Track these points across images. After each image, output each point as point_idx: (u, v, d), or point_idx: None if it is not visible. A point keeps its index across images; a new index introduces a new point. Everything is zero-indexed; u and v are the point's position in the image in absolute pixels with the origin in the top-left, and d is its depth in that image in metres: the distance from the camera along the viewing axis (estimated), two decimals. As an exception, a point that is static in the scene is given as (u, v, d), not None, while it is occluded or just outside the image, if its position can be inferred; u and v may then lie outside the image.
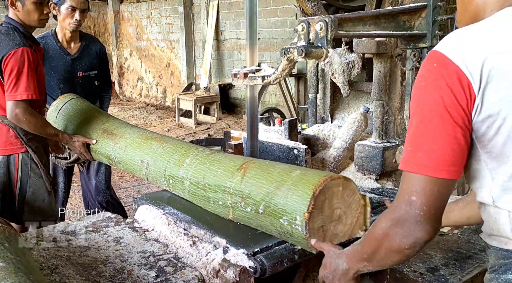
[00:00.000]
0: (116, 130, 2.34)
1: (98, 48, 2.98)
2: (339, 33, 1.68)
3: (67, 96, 2.66)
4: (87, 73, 2.91)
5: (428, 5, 1.87)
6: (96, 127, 2.44)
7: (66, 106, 2.61)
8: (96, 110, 2.63)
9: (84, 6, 2.73)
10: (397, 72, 2.17)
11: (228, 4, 8.99)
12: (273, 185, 1.50)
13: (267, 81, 1.84)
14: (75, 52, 2.87)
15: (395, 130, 2.22)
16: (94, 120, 2.50)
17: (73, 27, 2.74)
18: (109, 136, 2.33)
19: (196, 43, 10.06)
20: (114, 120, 2.51)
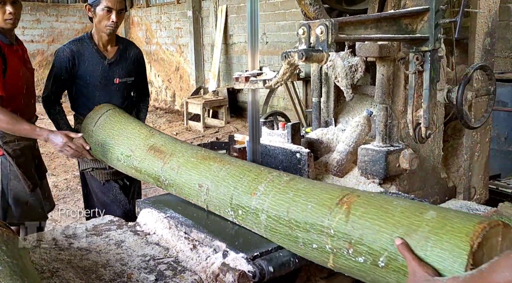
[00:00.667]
0: (165, 147, 2.06)
1: (135, 53, 2.79)
2: (340, 37, 1.67)
3: (103, 107, 2.44)
4: (124, 79, 2.70)
5: (430, 8, 1.85)
6: (140, 143, 2.16)
7: (103, 118, 2.37)
8: (138, 123, 2.36)
9: (120, 6, 2.53)
10: (400, 75, 2.15)
11: (236, 8, 9.03)
12: (399, 230, 1.17)
13: (268, 85, 1.84)
14: (112, 57, 2.66)
15: (399, 134, 2.20)
16: (137, 135, 2.23)
17: (110, 30, 2.55)
18: (157, 154, 2.04)
19: (205, 47, 10.12)
20: (160, 135, 2.21)
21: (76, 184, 5.44)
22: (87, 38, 2.63)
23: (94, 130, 2.36)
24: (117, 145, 2.26)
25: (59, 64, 2.59)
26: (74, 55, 2.57)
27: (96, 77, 2.61)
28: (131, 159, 2.17)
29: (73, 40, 2.67)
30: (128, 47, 2.76)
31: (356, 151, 2.22)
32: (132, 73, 2.75)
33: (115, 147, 2.26)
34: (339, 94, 2.56)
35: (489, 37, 2.42)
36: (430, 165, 2.37)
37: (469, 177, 2.52)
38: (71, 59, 2.57)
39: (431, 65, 1.93)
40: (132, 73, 2.75)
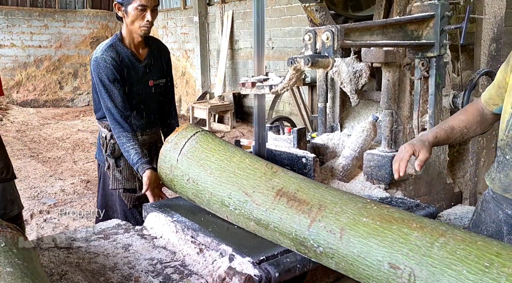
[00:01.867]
0: (304, 194, 1.48)
1: (166, 54, 2.56)
2: (345, 43, 1.69)
3: (187, 129, 1.90)
4: (157, 81, 2.46)
5: (435, 14, 1.87)
6: (259, 185, 1.59)
7: (191, 144, 1.82)
8: (245, 154, 1.79)
9: (155, 3, 2.25)
10: (406, 81, 2.16)
11: (242, 14, 9.08)
12: None
13: (274, 91, 1.86)
14: (145, 58, 2.41)
15: (404, 140, 2.21)
16: (251, 170, 1.66)
17: (144, 30, 2.27)
18: (294, 204, 1.46)
19: (211, 52, 10.17)
20: (286, 173, 1.64)
21: (83, 188, 5.48)
22: (119, 42, 2.33)
23: (180, 159, 1.81)
24: (220, 184, 1.68)
25: (110, 72, 2.27)
26: (117, 62, 2.29)
27: (133, 82, 2.37)
28: (247, 206, 1.59)
29: (106, 47, 2.31)
30: (160, 48, 2.53)
31: (361, 156, 2.23)
32: (164, 75, 2.52)
33: (217, 186, 1.69)
34: (345, 99, 2.58)
35: (494, 43, 2.43)
36: (436, 170, 2.37)
37: (475, 182, 2.52)
38: (116, 66, 2.29)
39: (436, 71, 1.95)
40: (164, 75, 2.52)
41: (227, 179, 1.68)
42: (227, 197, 1.67)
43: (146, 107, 2.44)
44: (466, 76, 2.38)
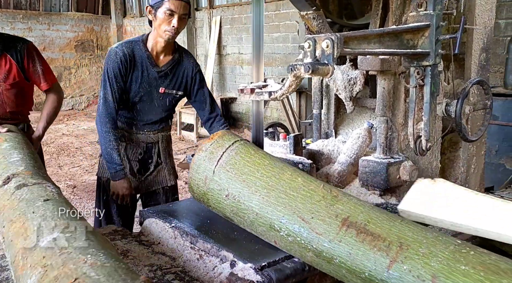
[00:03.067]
0: (376, 226, 1.28)
1: (190, 66, 2.52)
2: (345, 51, 1.72)
3: (225, 137, 1.71)
4: (171, 91, 2.48)
5: (431, 24, 1.91)
6: (320, 210, 1.38)
7: (230, 155, 1.62)
8: (294, 170, 1.59)
9: (184, 11, 2.29)
10: (400, 89, 2.20)
11: (230, 20, 9.12)
12: None
13: (273, 97, 1.87)
14: (164, 65, 2.44)
15: (399, 146, 2.25)
16: (305, 192, 1.46)
17: (168, 35, 2.31)
18: (367, 239, 1.26)
19: (198, 57, 10.17)
20: (348, 199, 1.43)
21: (69, 194, 5.41)
22: (141, 42, 2.40)
23: (217, 171, 1.61)
24: (269, 204, 1.48)
25: (115, 67, 2.34)
26: (127, 59, 2.35)
27: (141, 83, 2.41)
28: (304, 234, 1.39)
29: (125, 41, 2.42)
30: (185, 59, 2.52)
31: (357, 163, 2.25)
32: (181, 88, 2.51)
33: (264, 207, 1.49)
34: (339, 106, 2.61)
35: (484, 52, 2.49)
36: (429, 176, 2.41)
37: (466, 188, 2.56)
38: (123, 63, 2.34)
39: (431, 80, 1.98)
40: (181, 88, 2.51)
41: (277, 200, 1.47)
42: (277, 220, 1.46)
43: (149, 110, 2.48)
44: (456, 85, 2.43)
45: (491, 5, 2.45)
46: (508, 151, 4.66)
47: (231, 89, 9.35)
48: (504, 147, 4.69)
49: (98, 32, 13.42)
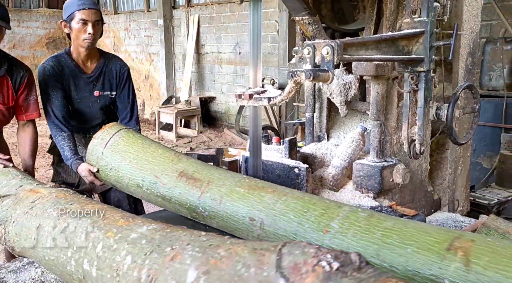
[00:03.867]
0: (199, 173, 1.86)
1: (118, 67, 2.70)
2: (344, 58, 1.74)
3: (113, 127, 2.20)
4: (105, 93, 2.67)
5: (425, 31, 1.95)
6: (166, 169, 1.93)
7: (115, 139, 2.13)
8: (158, 145, 2.13)
9: (96, 18, 2.46)
10: (393, 93, 2.24)
11: (209, 18, 9.06)
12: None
13: (273, 103, 1.88)
14: (93, 71, 2.63)
15: (392, 150, 2.29)
16: (161, 158, 1.99)
17: (88, 43, 2.48)
18: (190, 181, 1.83)
19: (176, 56, 10.07)
20: (188, 159, 2.01)
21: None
22: (65, 54, 2.59)
23: (105, 152, 2.12)
24: (136, 170, 2.00)
25: (49, 79, 2.52)
26: (56, 71, 2.54)
27: (77, 91, 2.60)
28: (156, 186, 1.93)
29: (50, 57, 2.61)
30: (111, 62, 2.70)
31: (351, 166, 2.29)
32: (114, 88, 2.70)
33: (133, 172, 2.01)
34: (330, 109, 2.64)
35: (470, 57, 2.56)
36: (419, 178, 2.47)
37: (453, 189, 2.64)
38: (54, 75, 2.53)
39: (425, 85, 2.03)
40: (114, 88, 2.70)
41: (141, 166, 2.00)
42: (141, 180, 1.99)
43: (90, 114, 2.69)
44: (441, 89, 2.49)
45: (476, 10, 2.52)
46: (484, 150, 4.80)
47: (210, 88, 9.31)
48: (480, 146, 4.83)
49: (71, 29, 13.11)
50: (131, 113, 2.75)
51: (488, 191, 3.50)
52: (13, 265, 1.69)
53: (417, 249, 1.22)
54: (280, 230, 1.53)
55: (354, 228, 1.36)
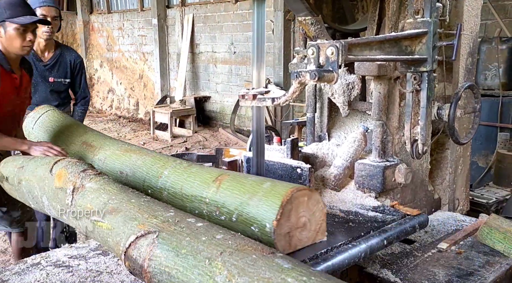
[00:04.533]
0: (95, 142, 2.38)
1: (72, 58, 3.19)
2: (348, 58, 1.74)
3: (43, 108, 2.72)
4: (59, 80, 3.13)
5: (428, 31, 1.96)
6: (74, 139, 2.49)
7: (43, 117, 2.64)
8: (75, 123, 2.67)
9: (53, 14, 2.98)
10: (395, 93, 2.24)
11: (203, 18, 9.03)
12: (246, 195, 1.61)
13: (276, 103, 1.87)
14: (49, 60, 3.11)
15: (393, 150, 2.29)
16: (73, 132, 2.55)
17: (46, 35, 2.98)
18: (88, 148, 2.36)
19: (171, 56, 10.02)
20: (93, 132, 2.56)
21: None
22: None
23: (34, 128, 2.64)
24: (54, 141, 2.53)
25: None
26: None
27: (33, 77, 2.90)
28: (67, 150, 2.50)
29: None
30: (66, 53, 3.20)
31: (353, 166, 2.29)
32: (67, 76, 3.17)
33: (53, 143, 2.53)
34: (331, 109, 2.64)
35: (470, 57, 2.57)
36: (419, 178, 2.48)
37: (454, 189, 2.65)
38: None
39: (428, 85, 2.04)
40: (67, 76, 3.17)
41: (58, 138, 2.53)
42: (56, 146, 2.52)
43: (45, 97, 3.09)
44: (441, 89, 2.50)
45: (476, 11, 2.53)
46: (480, 149, 4.82)
47: (205, 88, 9.28)
48: (476, 145, 4.85)
49: (63, 28, 12.98)
50: (82, 96, 3.32)
51: (486, 190, 3.53)
52: (17, 267, 1.67)
53: (199, 182, 1.78)
54: (137, 178, 2.02)
55: (175, 173, 1.88)
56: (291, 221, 1.54)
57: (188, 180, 1.83)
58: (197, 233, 1.35)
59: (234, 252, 1.22)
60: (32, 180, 1.89)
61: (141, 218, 1.44)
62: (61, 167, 1.76)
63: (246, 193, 1.62)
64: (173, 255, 1.30)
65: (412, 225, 1.98)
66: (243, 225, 1.58)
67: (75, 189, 1.63)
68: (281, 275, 1.11)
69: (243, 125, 8.39)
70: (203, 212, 1.72)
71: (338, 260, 1.66)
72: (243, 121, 8.43)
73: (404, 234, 1.95)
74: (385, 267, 1.99)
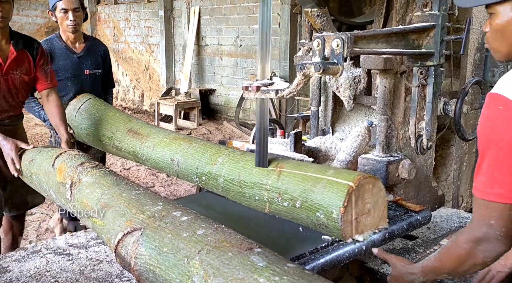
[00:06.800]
0: (142, 130, 2.45)
1: (102, 49, 3.18)
2: (354, 51, 1.72)
3: (84, 96, 2.82)
4: (93, 71, 3.06)
5: (436, 25, 1.93)
6: (120, 127, 2.55)
7: (85, 105, 2.76)
8: (117, 111, 2.75)
9: (74, 6, 2.87)
10: (401, 88, 2.22)
11: (210, 10, 8.98)
12: (309, 182, 1.66)
13: (280, 95, 1.85)
14: (81, 51, 3.03)
15: (398, 145, 2.27)
16: (117, 119, 2.63)
17: (71, 29, 2.91)
18: (135, 135, 2.43)
19: (176, 48, 9.99)
20: (137, 120, 2.63)
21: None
22: (56, 37, 2.99)
23: (77, 115, 2.76)
24: (99, 128, 2.65)
25: None
26: (46, 53, 2.76)
27: (67, 70, 2.96)
28: (112, 140, 2.59)
29: (43, 41, 2.92)
30: (95, 44, 3.18)
31: (356, 160, 2.27)
32: (100, 66, 3.12)
33: (97, 130, 2.68)
34: (336, 103, 2.61)
35: (479, 52, 2.53)
36: (423, 174, 2.46)
37: (458, 186, 2.62)
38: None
39: (434, 80, 2.01)
40: (100, 66, 3.12)
41: (102, 125, 2.66)
42: (102, 136, 2.66)
43: (81, 90, 2.99)
44: (448, 84, 2.47)
45: (486, 5, 2.49)
46: (485, 147, 4.78)
47: (210, 80, 9.25)
48: (482, 142, 4.82)
49: (70, 18, 13.00)
50: (111, 83, 3.36)
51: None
52: (17, 254, 1.67)
53: (258, 169, 1.84)
54: (189, 165, 2.09)
55: (230, 161, 1.95)
56: (358, 208, 1.60)
57: (245, 167, 1.89)
58: (180, 228, 1.36)
59: (212, 250, 1.24)
60: (40, 174, 1.96)
61: (129, 214, 1.46)
62: (61, 161, 1.78)
63: (309, 180, 1.67)
64: (156, 253, 1.32)
65: (415, 220, 1.96)
66: (307, 211, 1.64)
67: (72, 183, 1.65)
68: (254, 275, 1.12)
69: (248, 119, 8.37)
70: (264, 198, 1.79)
71: (338, 254, 1.65)
72: (248, 115, 8.40)
73: (406, 230, 1.94)
74: (386, 263, 1.97)
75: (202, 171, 2.02)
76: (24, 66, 2.54)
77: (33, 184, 2.16)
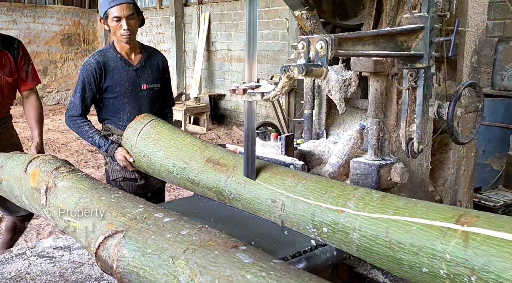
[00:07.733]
0: (224, 160, 2.01)
1: (160, 61, 2.79)
2: (339, 53, 1.70)
3: (145, 117, 2.40)
4: (151, 86, 2.71)
5: (425, 27, 1.90)
6: (194, 156, 2.09)
7: (147, 128, 2.32)
8: (187, 135, 2.30)
9: (129, 12, 2.51)
10: (393, 91, 2.19)
11: (220, 16, 9.05)
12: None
13: (266, 98, 1.84)
14: (137, 63, 2.68)
15: (390, 148, 2.24)
16: (190, 146, 2.16)
17: (126, 38, 2.55)
18: (217, 167, 1.98)
19: (187, 53, 10.09)
20: (214, 147, 2.17)
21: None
22: (110, 48, 2.66)
23: (138, 140, 2.32)
24: (167, 157, 2.18)
25: (87, 78, 2.59)
26: (100, 66, 2.58)
27: (123, 84, 2.63)
28: (186, 171, 2.10)
29: (97, 52, 2.69)
30: (153, 55, 2.78)
31: (348, 164, 2.24)
32: (158, 80, 2.76)
33: (164, 158, 2.20)
34: (330, 106, 2.59)
35: (476, 54, 2.49)
36: (419, 178, 2.41)
37: (455, 190, 2.57)
38: (97, 70, 2.58)
39: (424, 82, 1.98)
40: (158, 80, 2.76)
41: (172, 153, 2.18)
42: (171, 166, 2.18)
43: (138, 108, 2.66)
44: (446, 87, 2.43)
45: (483, 7, 2.45)
46: (494, 151, 4.70)
47: (220, 86, 9.30)
48: (490, 147, 4.73)
49: (85, 26, 13.23)
50: (171, 100, 2.95)
51: (494, 192, 3.43)
52: (1, 257, 1.69)
53: (421, 225, 1.32)
54: (300, 210, 1.65)
55: (368, 208, 1.47)
56: None
57: (399, 220, 1.36)
58: (163, 229, 1.34)
59: (197, 249, 1.22)
60: (11, 180, 1.85)
61: (109, 217, 1.44)
62: (35, 166, 1.76)
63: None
64: (139, 255, 1.30)
65: (405, 225, 1.92)
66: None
67: (48, 189, 1.63)
68: (241, 271, 1.10)
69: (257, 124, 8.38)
70: (440, 272, 1.25)
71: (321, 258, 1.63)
72: (257, 120, 8.41)
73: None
74: (376, 268, 1.94)
75: (322, 220, 1.56)
76: (6, 68, 2.47)
77: (3, 191, 1.98)
